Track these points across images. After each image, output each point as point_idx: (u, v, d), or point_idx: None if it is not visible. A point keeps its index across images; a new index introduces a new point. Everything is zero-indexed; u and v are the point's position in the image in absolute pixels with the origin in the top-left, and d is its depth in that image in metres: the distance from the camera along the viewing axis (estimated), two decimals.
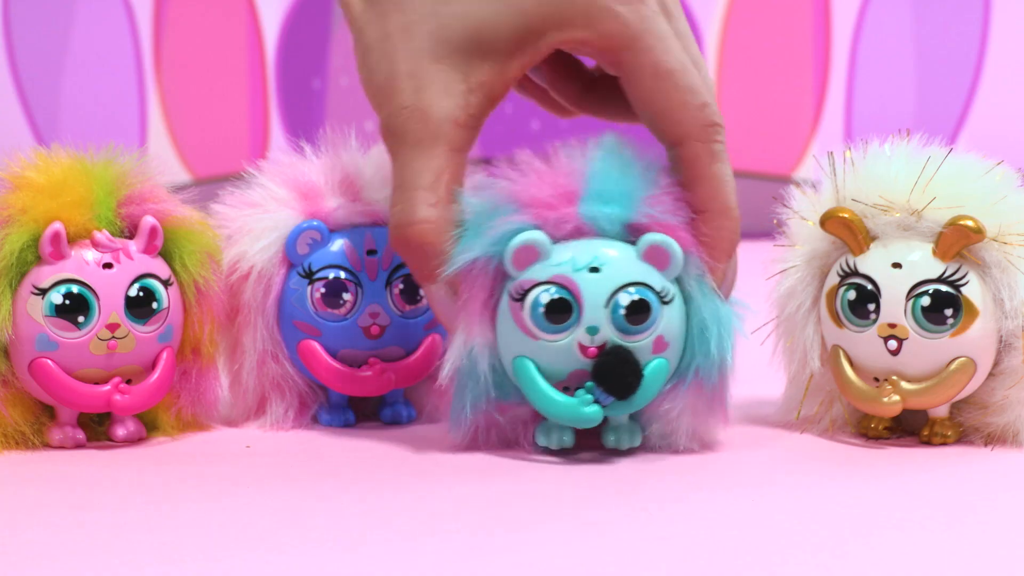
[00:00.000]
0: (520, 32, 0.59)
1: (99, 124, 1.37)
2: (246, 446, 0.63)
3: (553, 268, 0.58)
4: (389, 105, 0.59)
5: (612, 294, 0.57)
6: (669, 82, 0.59)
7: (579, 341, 0.58)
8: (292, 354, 0.66)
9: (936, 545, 0.51)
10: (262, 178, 0.67)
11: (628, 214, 0.58)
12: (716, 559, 0.49)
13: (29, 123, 1.37)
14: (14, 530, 0.52)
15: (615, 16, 0.59)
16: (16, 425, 0.62)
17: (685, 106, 0.59)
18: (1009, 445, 0.62)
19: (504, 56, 0.59)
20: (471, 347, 0.59)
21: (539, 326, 0.58)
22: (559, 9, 0.59)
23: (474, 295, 0.59)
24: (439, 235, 0.59)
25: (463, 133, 0.59)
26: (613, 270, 0.58)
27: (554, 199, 0.58)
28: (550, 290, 0.58)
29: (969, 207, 0.61)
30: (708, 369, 0.59)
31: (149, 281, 0.63)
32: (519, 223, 0.58)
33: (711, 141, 0.59)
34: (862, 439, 0.64)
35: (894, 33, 1.37)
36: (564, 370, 0.58)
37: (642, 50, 0.59)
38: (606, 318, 0.57)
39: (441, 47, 0.59)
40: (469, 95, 0.59)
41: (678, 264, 0.58)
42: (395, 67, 0.59)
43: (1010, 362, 0.62)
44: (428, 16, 0.59)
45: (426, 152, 0.59)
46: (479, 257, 0.58)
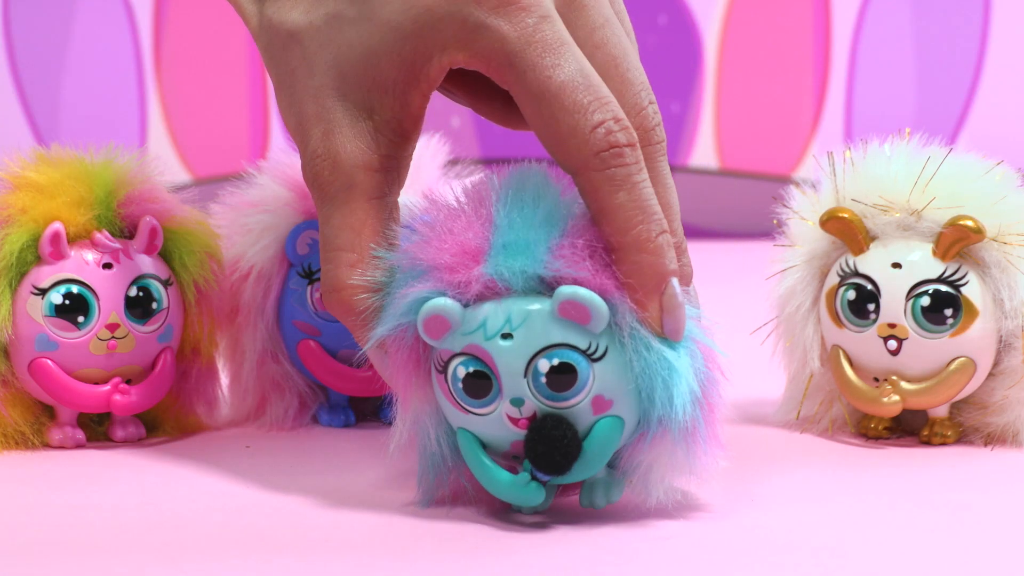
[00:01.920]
0: (407, 60, 0.53)
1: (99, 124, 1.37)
2: (246, 446, 0.63)
3: (465, 338, 0.51)
4: (304, 152, 0.54)
5: (529, 361, 0.50)
6: (555, 104, 0.50)
7: (506, 413, 0.51)
8: (292, 354, 0.66)
9: (936, 545, 0.51)
10: (262, 178, 0.67)
11: (537, 267, 0.51)
12: (716, 559, 0.49)
13: (29, 123, 1.37)
14: (14, 530, 0.52)
15: (490, 31, 0.51)
16: (16, 425, 0.62)
17: (574, 132, 0.50)
18: (1009, 445, 0.62)
19: (402, 87, 0.53)
20: (415, 418, 0.53)
21: (463, 400, 0.51)
22: (438, 28, 0.52)
23: (399, 373, 0.53)
24: (358, 302, 0.54)
25: (378, 178, 0.54)
26: (527, 334, 0.50)
27: (458, 259, 0.51)
28: (466, 363, 0.51)
29: (969, 207, 0.61)
30: (669, 419, 0.51)
31: (149, 281, 0.63)
32: (425, 291, 0.51)
33: (609, 167, 0.50)
34: (862, 439, 0.64)
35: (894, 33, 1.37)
36: (503, 443, 0.52)
37: (524, 69, 0.51)
38: (528, 387, 0.50)
39: (343, 83, 0.53)
40: (377, 135, 0.53)
41: (601, 316, 0.50)
42: (303, 109, 0.54)
43: (1010, 362, 0.62)
44: (325, 45, 0.53)
45: (342, 207, 0.54)
46: (395, 327, 0.52)
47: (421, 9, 0.52)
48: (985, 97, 1.37)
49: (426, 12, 0.52)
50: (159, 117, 1.38)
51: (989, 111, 1.37)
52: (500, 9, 0.51)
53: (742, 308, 0.67)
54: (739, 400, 0.69)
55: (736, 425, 0.66)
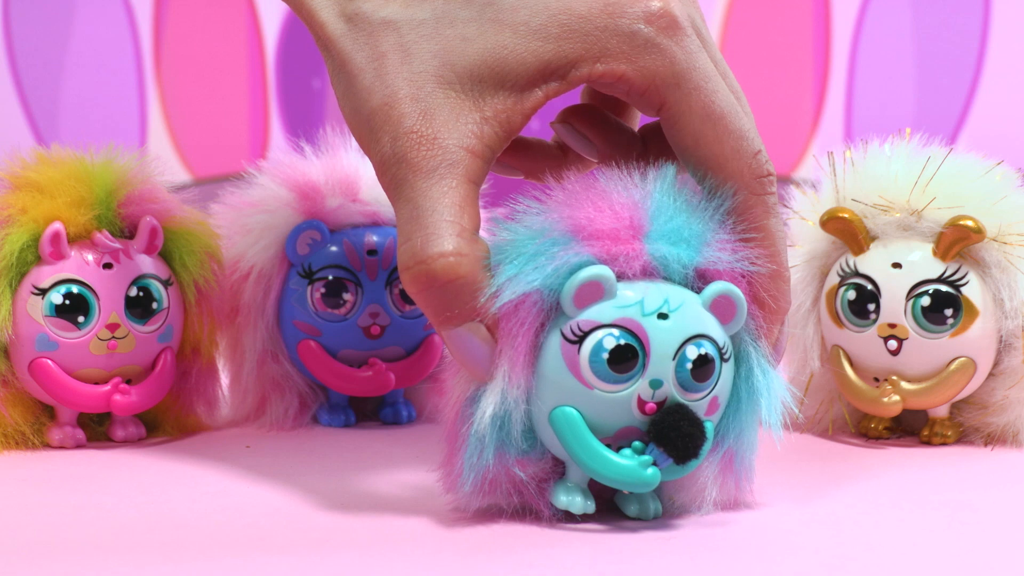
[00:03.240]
0: (547, 60, 0.52)
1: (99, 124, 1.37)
2: (246, 446, 0.63)
3: (619, 310, 0.50)
4: (390, 131, 0.52)
5: (681, 345, 0.50)
6: (720, 126, 0.53)
7: (639, 395, 0.50)
8: (292, 354, 0.66)
9: (936, 545, 0.51)
10: (262, 178, 0.67)
11: (696, 258, 0.51)
12: (716, 559, 0.49)
13: (29, 123, 1.37)
14: (14, 530, 0.52)
15: (661, 50, 0.52)
16: (16, 425, 0.62)
17: (738, 154, 0.53)
18: (1009, 445, 0.62)
19: (523, 86, 0.52)
20: (504, 392, 0.51)
21: (598, 374, 0.50)
22: (595, 37, 0.52)
23: (523, 333, 0.50)
24: (471, 268, 0.50)
25: (479, 164, 0.52)
26: (682, 318, 0.51)
27: (619, 232, 0.51)
28: (616, 335, 0.50)
29: (969, 207, 0.61)
30: (749, 438, 0.52)
31: (149, 281, 0.63)
32: (583, 256, 0.51)
33: (765, 193, 0.53)
34: (862, 439, 0.64)
35: (894, 33, 1.37)
36: (614, 426, 0.51)
37: (690, 90, 0.52)
38: (671, 371, 0.50)
39: (448, 70, 0.52)
40: (484, 125, 0.52)
41: (742, 318, 0.52)
42: (394, 90, 0.52)
43: (1010, 362, 0.62)
44: (429, 36, 0.52)
45: (443, 181, 0.51)
46: (532, 290, 0.50)
47: (573, 16, 0.52)
48: (985, 97, 1.37)
49: (580, 20, 0.52)
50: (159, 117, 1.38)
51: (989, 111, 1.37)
52: (668, 32, 0.53)
53: None
54: None
55: None
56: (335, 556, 0.49)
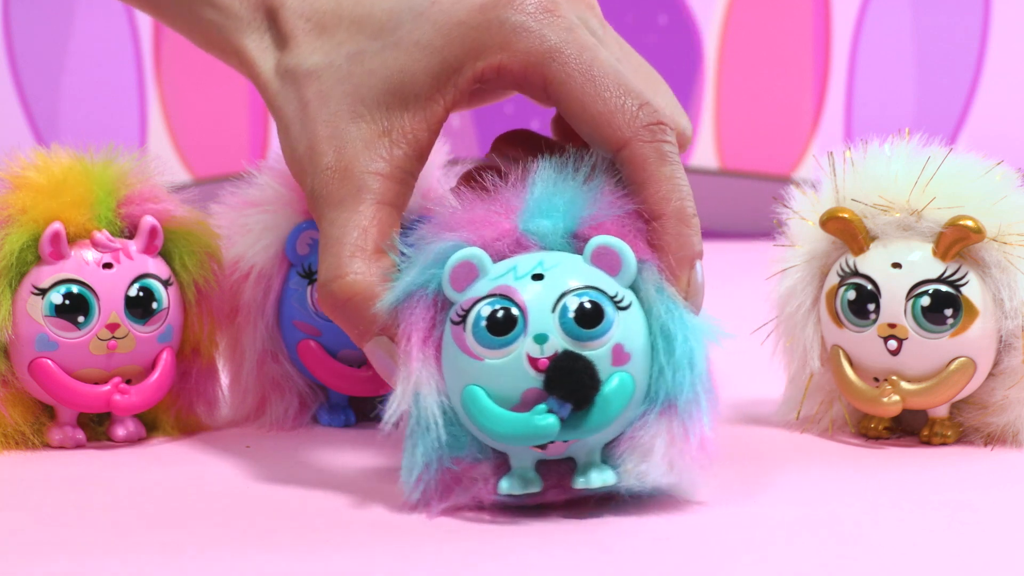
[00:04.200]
0: (436, 73, 0.56)
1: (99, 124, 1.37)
2: (246, 446, 0.63)
3: (492, 281, 0.52)
4: (312, 171, 0.56)
5: (558, 298, 0.51)
6: (601, 84, 0.54)
7: (528, 353, 0.51)
8: (292, 354, 0.66)
9: (936, 544, 0.51)
10: (262, 178, 0.67)
11: (571, 223, 0.53)
12: (716, 559, 0.49)
13: (29, 123, 1.37)
14: (14, 530, 0.52)
15: (531, 32, 0.55)
16: (16, 425, 0.62)
17: (623, 107, 0.54)
18: (1009, 445, 0.62)
19: (424, 101, 0.56)
20: (416, 391, 0.52)
21: (482, 343, 0.51)
22: (472, 38, 0.55)
23: (412, 331, 0.53)
24: (367, 287, 0.54)
25: (390, 185, 0.56)
26: (558, 274, 0.52)
27: (491, 216, 0.53)
28: (492, 303, 0.51)
29: (969, 207, 0.61)
30: (679, 383, 0.52)
31: (149, 281, 0.63)
32: (452, 241, 0.53)
33: (657, 141, 0.54)
34: (862, 439, 0.64)
35: (894, 33, 1.37)
36: (516, 391, 0.51)
37: (566, 60, 0.54)
38: (555, 324, 0.51)
39: (359, 105, 0.56)
40: (393, 147, 0.56)
41: (630, 267, 0.52)
42: (315, 134, 0.56)
43: (1010, 362, 0.62)
44: (343, 79, 0.56)
45: (349, 209, 0.55)
46: (413, 287, 0.53)
47: (453, 24, 0.55)
48: (985, 97, 1.37)
49: (458, 26, 0.55)
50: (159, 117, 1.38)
51: (989, 111, 1.37)
52: (538, 15, 0.55)
53: (742, 308, 0.67)
54: (739, 400, 0.69)
55: (736, 425, 0.66)
56: (335, 556, 0.49)
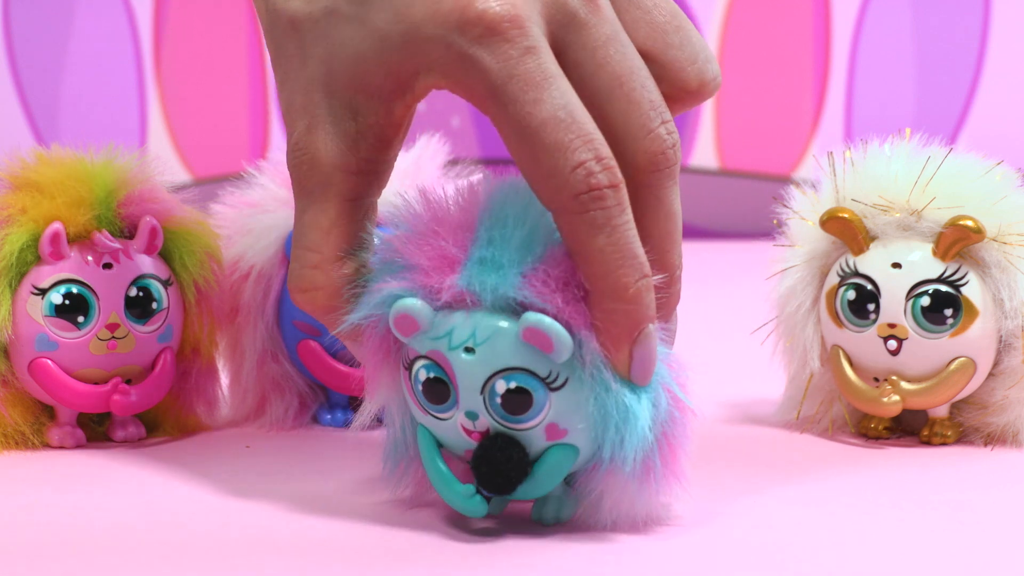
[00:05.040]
0: (393, 70, 0.51)
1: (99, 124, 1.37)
2: (246, 446, 0.63)
3: (430, 342, 0.51)
4: (288, 139, 0.54)
5: (487, 379, 0.50)
6: (535, 142, 0.48)
7: (461, 424, 0.51)
8: (292, 354, 0.66)
9: (936, 545, 0.51)
10: (262, 178, 0.67)
11: (508, 288, 0.50)
12: (716, 559, 0.49)
13: (29, 123, 1.37)
14: (14, 530, 0.52)
15: (472, 62, 0.49)
16: (16, 425, 0.62)
17: (553, 172, 0.48)
18: (1009, 445, 0.62)
19: (387, 96, 0.52)
20: (380, 407, 0.53)
21: (422, 403, 0.51)
22: (424, 50, 0.50)
23: (372, 353, 0.53)
24: (329, 300, 0.53)
25: (355, 180, 0.53)
26: (489, 352, 0.50)
27: (435, 264, 0.51)
28: (427, 367, 0.51)
29: (969, 207, 0.61)
30: (622, 459, 0.50)
31: (149, 281, 0.63)
32: (399, 289, 0.51)
33: (588, 211, 0.48)
34: (862, 439, 0.64)
35: (894, 33, 1.37)
36: (459, 447, 0.51)
37: (505, 103, 0.49)
38: (483, 404, 0.50)
39: (331, 78, 0.52)
40: (359, 138, 0.52)
41: (564, 347, 0.49)
42: (292, 97, 0.53)
43: (1010, 362, 0.62)
44: (320, 37, 0.52)
45: (316, 204, 0.53)
46: (367, 317, 0.52)
47: (409, 24, 0.51)
48: (985, 97, 1.37)
49: (413, 28, 0.51)
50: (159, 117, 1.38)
51: (989, 111, 1.37)
52: (483, 40, 0.49)
53: (742, 308, 0.67)
54: (739, 400, 0.69)
55: (736, 425, 0.66)
56: (335, 556, 0.49)
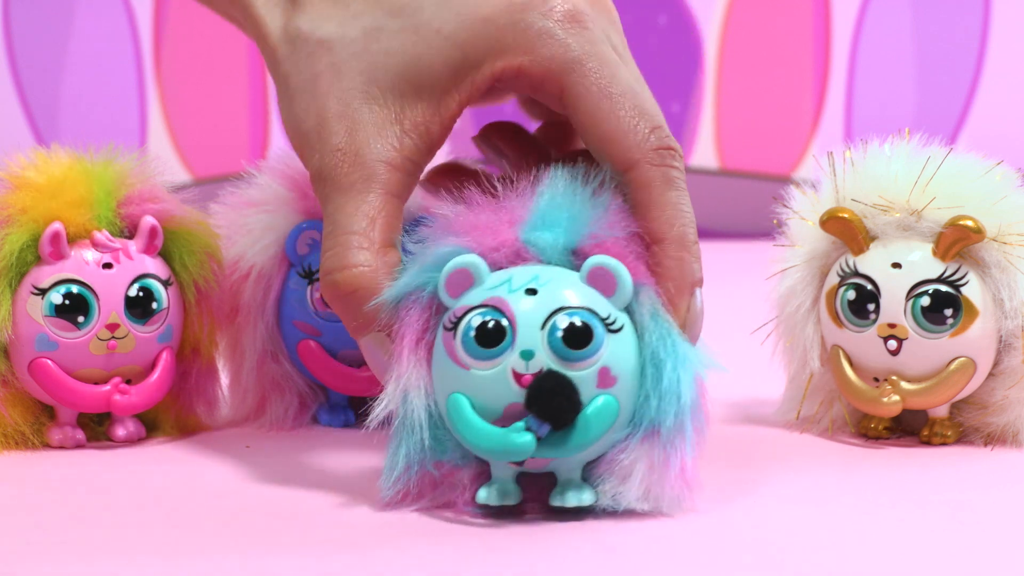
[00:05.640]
0: (455, 66, 0.55)
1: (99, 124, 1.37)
2: (246, 446, 0.63)
3: (487, 292, 0.52)
4: (320, 149, 0.55)
5: (549, 316, 0.51)
6: (616, 102, 0.54)
7: (513, 368, 0.51)
8: (292, 354, 0.66)
9: (935, 545, 0.51)
10: (262, 178, 0.67)
11: (572, 239, 0.52)
12: (716, 559, 0.49)
13: (29, 123, 1.37)
14: (14, 530, 0.52)
15: (556, 40, 0.54)
16: (16, 425, 0.62)
17: (635, 128, 0.54)
18: (1009, 445, 0.62)
19: (439, 93, 0.55)
20: (405, 392, 0.52)
21: (470, 353, 0.51)
22: (496, 36, 0.55)
23: (406, 331, 0.53)
24: (372, 281, 0.54)
25: (399, 177, 0.55)
26: (552, 291, 0.51)
27: (493, 224, 0.53)
28: (483, 313, 0.51)
29: (969, 207, 0.61)
30: (663, 411, 0.51)
31: (149, 281, 0.63)
32: (453, 247, 0.53)
33: (665, 165, 0.54)
34: (862, 439, 0.64)
35: (894, 33, 1.37)
36: (499, 404, 0.51)
37: (586, 72, 0.54)
38: (542, 341, 0.51)
39: (373, 86, 0.55)
40: (404, 137, 0.55)
41: (626, 289, 0.52)
42: (325, 110, 0.55)
43: (1010, 362, 0.62)
44: (358, 55, 0.55)
45: (358, 196, 0.54)
46: (410, 288, 0.53)
47: (477, 19, 0.55)
48: (985, 97, 1.37)
49: (483, 22, 0.55)
50: (159, 117, 1.38)
51: (989, 111, 1.37)
52: (565, 23, 0.55)
53: (742, 308, 0.67)
54: (739, 400, 0.69)
55: (736, 425, 0.66)
56: (335, 556, 0.49)
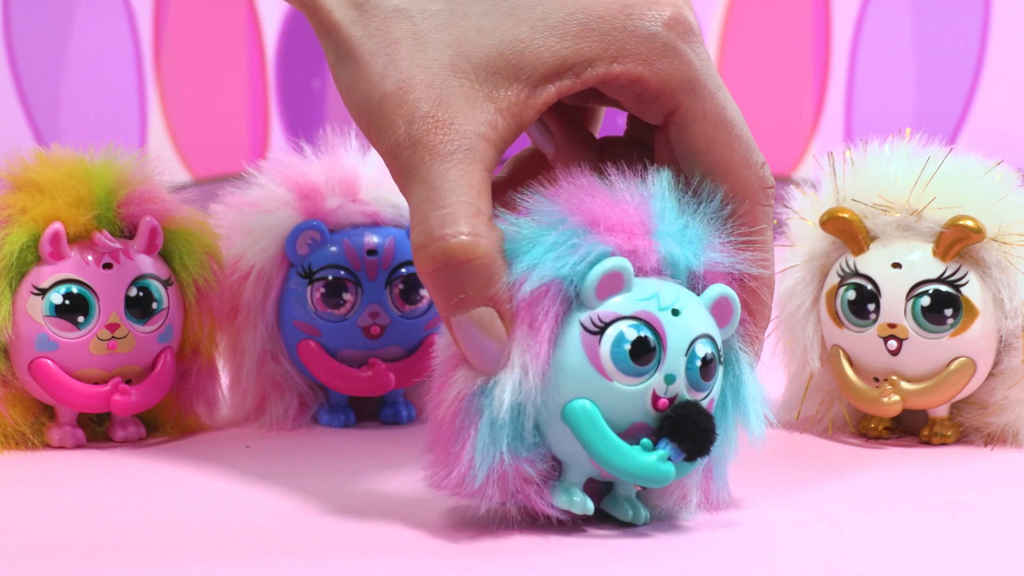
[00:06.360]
0: (563, 56, 0.52)
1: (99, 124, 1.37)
2: (246, 446, 0.63)
3: (638, 303, 0.50)
4: (405, 115, 0.51)
5: (692, 342, 0.50)
6: (732, 134, 0.53)
7: (654, 389, 0.50)
8: (292, 354, 0.66)
9: (935, 545, 0.51)
10: (262, 178, 0.67)
11: (699, 260, 0.52)
12: (716, 559, 0.49)
13: (29, 123, 1.37)
14: (14, 530, 0.52)
15: (678, 54, 0.52)
16: (16, 425, 0.62)
17: (747, 162, 0.53)
18: (1009, 445, 0.62)
19: (537, 80, 0.52)
20: (520, 383, 0.49)
21: (619, 366, 0.50)
22: (612, 38, 0.52)
23: (545, 325, 0.50)
24: (491, 254, 0.50)
25: (493, 153, 0.51)
26: (691, 316, 0.51)
27: (633, 227, 0.51)
28: (636, 326, 0.50)
29: (969, 207, 0.61)
30: (722, 447, 0.52)
31: (149, 281, 0.63)
32: (605, 247, 0.50)
33: (768, 205, 0.54)
34: (862, 439, 0.64)
35: (894, 33, 1.37)
36: (627, 420, 0.50)
37: (705, 95, 0.53)
38: (683, 368, 0.50)
39: (462, 60, 0.52)
40: (497, 116, 0.52)
41: (735, 323, 0.52)
42: (409, 75, 0.51)
43: (1010, 362, 0.62)
44: (443, 27, 0.52)
45: (460, 165, 0.50)
46: (555, 280, 0.50)
47: (591, 16, 0.52)
48: (985, 97, 1.37)
49: (598, 20, 0.52)
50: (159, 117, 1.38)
51: (989, 111, 1.37)
52: (686, 37, 0.53)
53: None
54: None
55: None
56: (335, 557, 0.49)
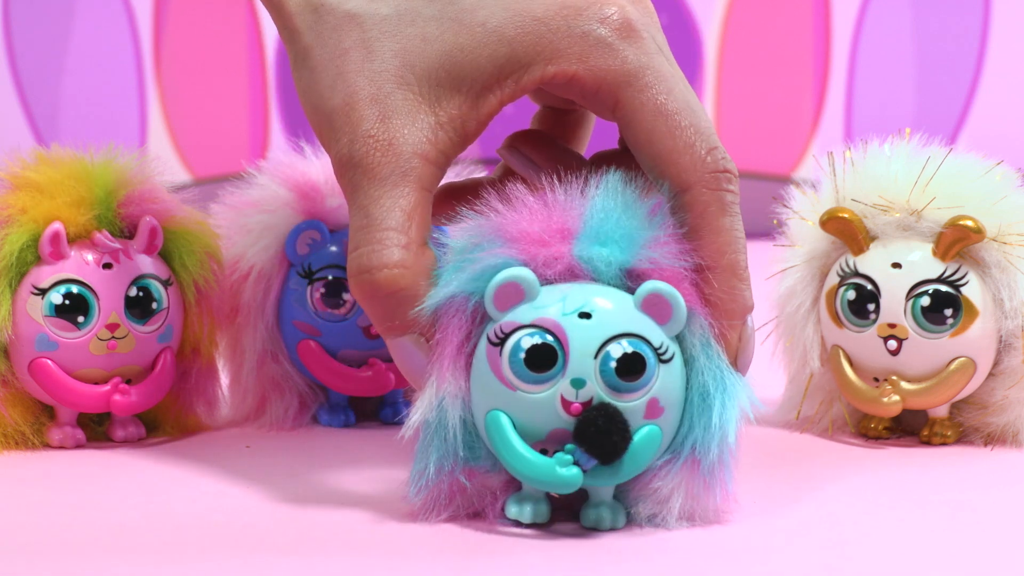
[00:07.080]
0: (501, 63, 0.52)
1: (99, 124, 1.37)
2: (246, 446, 0.63)
3: (539, 311, 0.50)
4: (349, 132, 0.52)
5: (603, 344, 0.50)
6: (673, 121, 0.52)
7: (562, 395, 0.50)
8: (292, 354, 0.66)
9: (935, 544, 0.51)
10: (262, 178, 0.67)
11: (627, 258, 0.51)
12: (716, 559, 0.49)
13: (29, 123, 1.37)
14: (14, 530, 0.52)
15: (613, 50, 0.52)
16: (16, 425, 0.62)
17: (692, 148, 0.52)
18: (1009, 445, 0.62)
19: (480, 89, 0.52)
20: (442, 398, 0.51)
21: (518, 375, 0.50)
22: (548, 39, 0.52)
23: (448, 338, 0.51)
24: (413, 282, 0.51)
25: (431, 171, 0.52)
26: (606, 317, 0.50)
27: (546, 235, 0.51)
28: (533, 335, 0.50)
29: (969, 207, 0.61)
30: (707, 444, 0.51)
31: (149, 281, 0.63)
32: (504, 258, 0.51)
33: (721, 189, 0.52)
34: (862, 439, 0.64)
35: (894, 33, 1.37)
36: (543, 428, 0.50)
37: (643, 87, 0.52)
38: (594, 371, 0.49)
39: (407, 71, 0.52)
40: (438, 130, 0.52)
41: (680, 318, 0.51)
42: (355, 89, 0.52)
43: (1010, 362, 0.62)
44: (391, 34, 0.53)
45: (394, 188, 0.52)
46: (456, 294, 0.51)
47: (528, 18, 0.52)
48: (985, 97, 1.37)
49: (534, 22, 0.52)
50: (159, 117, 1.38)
51: (989, 111, 1.37)
52: (623, 33, 0.52)
53: None
54: None
55: None
56: (335, 556, 0.49)
